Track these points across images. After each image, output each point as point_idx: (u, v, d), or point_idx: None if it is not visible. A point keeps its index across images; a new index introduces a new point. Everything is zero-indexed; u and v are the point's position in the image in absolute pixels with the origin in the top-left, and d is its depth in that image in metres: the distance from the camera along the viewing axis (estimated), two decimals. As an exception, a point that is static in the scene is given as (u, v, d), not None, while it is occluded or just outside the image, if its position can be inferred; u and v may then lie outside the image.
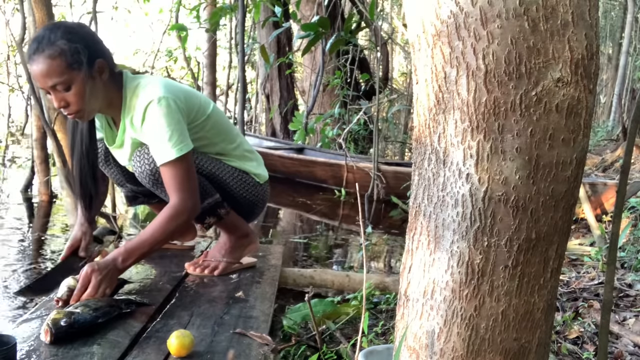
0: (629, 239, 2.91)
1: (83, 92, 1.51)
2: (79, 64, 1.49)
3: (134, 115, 1.62)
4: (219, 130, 1.82)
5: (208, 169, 1.82)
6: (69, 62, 1.48)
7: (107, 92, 1.61)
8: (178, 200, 1.59)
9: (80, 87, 1.50)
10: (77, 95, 1.51)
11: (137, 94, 1.61)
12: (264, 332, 1.45)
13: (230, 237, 1.93)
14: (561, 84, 0.82)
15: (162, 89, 1.59)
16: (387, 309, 2.07)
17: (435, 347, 0.93)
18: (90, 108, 1.58)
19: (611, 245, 1.15)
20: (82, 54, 1.50)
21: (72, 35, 1.50)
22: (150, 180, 1.72)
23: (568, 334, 1.87)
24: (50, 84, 1.48)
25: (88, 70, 1.52)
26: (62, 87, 1.49)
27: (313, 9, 6.40)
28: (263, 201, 1.99)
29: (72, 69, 1.48)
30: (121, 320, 1.43)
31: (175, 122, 1.58)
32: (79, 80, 1.50)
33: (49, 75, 1.47)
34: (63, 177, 2.86)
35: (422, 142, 0.93)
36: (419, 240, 0.95)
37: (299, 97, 8.26)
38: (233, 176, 1.87)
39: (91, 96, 1.55)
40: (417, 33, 0.89)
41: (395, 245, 3.39)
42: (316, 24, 3.58)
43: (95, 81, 1.55)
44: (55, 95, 1.51)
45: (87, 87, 1.52)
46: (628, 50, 9.63)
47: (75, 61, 1.49)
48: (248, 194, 1.91)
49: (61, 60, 1.47)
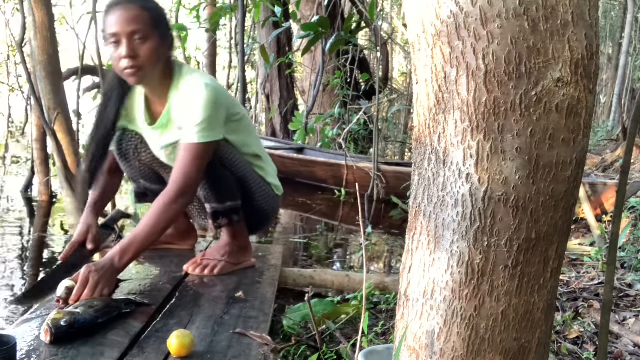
0: (629, 239, 2.91)
1: (154, 51, 1.60)
2: (161, 27, 1.62)
3: (180, 98, 1.68)
4: (249, 132, 1.88)
5: (241, 172, 1.83)
6: (155, 19, 1.60)
7: (164, 70, 1.68)
8: (172, 187, 1.60)
9: (154, 45, 1.59)
10: (149, 50, 1.58)
11: (186, 79, 1.68)
12: (264, 332, 1.45)
13: (232, 241, 1.93)
14: (561, 84, 0.82)
15: (209, 79, 1.68)
16: (387, 309, 2.07)
17: (435, 347, 0.93)
18: (150, 71, 1.63)
19: (611, 245, 1.15)
20: (165, 22, 1.66)
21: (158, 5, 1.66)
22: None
23: (568, 334, 1.87)
24: (132, 29, 1.55)
25: (163, 37, 1.63)
26: (140, 37, 1.56)
27: (313, 9, 6.40)
28: (275, 214, 2.00)
29: (155, 27, 1.60)
30: (121, 320, 1.43)
31: (212, 111, 1.63)
32: (155, 38, 1.60)
33: (135, 21, 1.55)
34: (63, 177, 2.86)
35: (422, 142, 0.93)
36: (419, 240, 0.95)
37: (299, 97, 8.25)
38: (258, 186, 1.89)
39: (157, 61, 1.62)
40: (417, 33, 0.89)
41: (395, 245, 3.39)
42: (316, 24, 3.58)
43: (164, 51, 1.65)
44: (127, 44, 1.55)
45: (159, 50, 1.61)
46: (628, 50, 9.64)
47: (160, 23, 1.62)
48: (266, 204, 1.92)
49: (150, 14, 1.59)
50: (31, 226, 3.29)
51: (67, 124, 2.85)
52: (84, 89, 4.61)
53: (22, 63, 3.03)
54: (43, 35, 2.69)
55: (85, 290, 1.48)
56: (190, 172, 1.61)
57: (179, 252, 2.09)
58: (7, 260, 2.61)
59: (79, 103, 3.55)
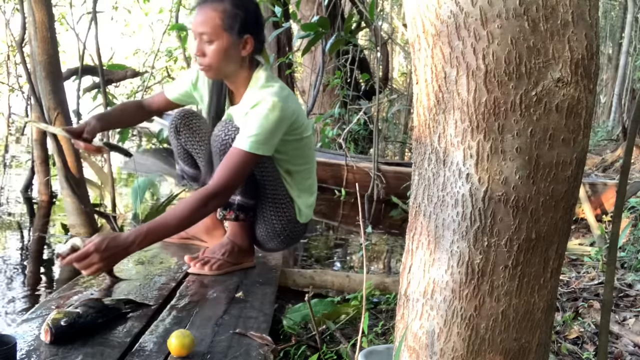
0: (629, 239, 2.91)
1: (220, 52, 1.66)
2: (230, 28, 1.65)
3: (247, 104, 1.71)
4: (304, 154, 1.89)
5: (265, 177, 1.82)
6: (223, 20, 1.64)
7: (241, 67, 1.74)
8: (215, 185, 1.61)
9: (220, 47, 1.66)
10: (215, 51, 1.66)
11: (262, 87, 1.72)
12: (264, 332, 1.45)
13: (233, 240, 1.93)
14: (561, 84, 0.82)
15: (280, 95, 1.68)
16: (387, 309, 2.07)
17: (435, 347, 0.93)
18: (219, 69, 1.71)
19: (611, 245, 1.15)
20: (238, 21, 1.65)
21: (241, 4, 1.67)
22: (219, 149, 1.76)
23: (568, 334, 1.87)
24: (200, 30, 1.65)
25: (235, 38, 1.67)
26: (207, 38, 1.65)
27: (313, 9, 6.40)
28: (289, 238, 1.94)
29: (223, 29, 1.64)
30: (121, 320, 1.43)
31: (271, 127, 1.65)
32: (222, 41, 1.65)
33: (203, 23, 1.64)
34: (63, 177, 2.86)
35: (422, 142, 0.93)
36: (419, 240, 0.95)
37: (299, 97, 8.26)
38: (278, 201, 1.86)
39: (226, 60, 1.68)
40: (417, 33, 0.89)
41: (395, 245, 3.39)
42: (316, 24, 3.58)
43: (236, 50, 1.69)
44: (198, 43, 1.67)
45: (227, 51, 1.67)
46: (628, 50, 9.63)
47: (229, 23, 1.64)
48: (279, 223, 1.89)
49: (218, 16, 1.63)
50: (31, 226, 3.29)
51: (67, 124, 2.85)
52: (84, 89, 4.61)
53: (22, 63, 3.03)
54: (43, 35, 2.69)
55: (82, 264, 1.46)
56: (232, 175, 1.63)
57: (179, 252, 2.09)
58: (7, 260, 2.61)
59: (79, 103, 3.55)
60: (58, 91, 2.79)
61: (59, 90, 2.80)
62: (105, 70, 4.81)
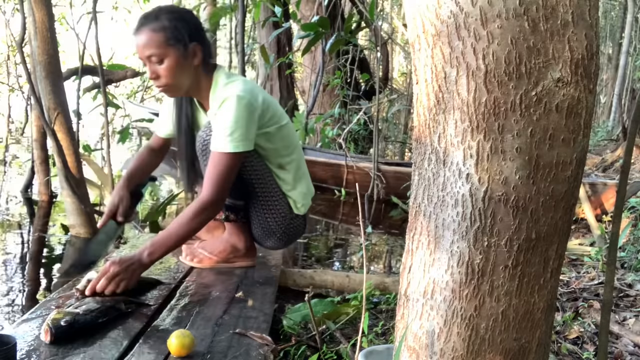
0: (629, 239, 2.91)
1: (173, 69, 1.64)
2: (175, 42, 1.62)
3: (214, 107, 1.71)
4: (287, 144, 1.86)
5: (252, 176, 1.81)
6: (167, 37, 1.61)
7: (197, 76, 1.71)
8: (207, 195, 1.64)
9: (171, 63, 1.63)
10: (167, 69, 1.63)
11: (223, 87, 1.71)
12: (264, 332, 1.45)
13: (227, 238, 1.95)
14: (561, 84, 0.82)
15: (244, 88, 1.68)
16: (387, 309, 2.07)
17: (435, 347, 0.93)
18: (177, 85, 1.68)
19: (611, 245, 1.15)
20: (180, 33, 1.63)
21: (176, 15, 1.65)
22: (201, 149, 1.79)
23: (568, 334, 1.87)
24: (147, 54, 1.62)
25: (183, 50, 1.64)
26: (156, 60, 1.62)
27: (313, 9, 6.40)
28: (287, 234, 1.93)
29: (168, 45, 1.62)
30: (121, 320, 1.43)
31: (245, 121, 1.65)
32: (172, 56, 1.63)
33: (147, 46, 1.61)
34: (63, 177, 2.86)
35: (422, 142, 0.93)
36: (419, 240, 0.95)
37: (299, 97, 8.25)
38: (270, 199, 1.86)
39: (181, 75, 1.66)
40: (417, 33, 0.89)
41: (395, 245, 3.39)
42: (316, 24, 3.58)
43: (187, 62, 1.66)
44: (149, 66, 1.65)
45: (178, 65, 1.64)
46: (628, 50, 9.63)
47: (172, 38, 1.62)
48: (272, 220, 1.88)
49: (160, 34, 1.61)
50: (31, 226, 3.29)
51: (67, 124, 2.85)
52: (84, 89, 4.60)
53: (22, 63, 3.03)
54: (43, 35, 2.69)
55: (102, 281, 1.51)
56: (221, 180, 1.65)
57: (179, 252, 2.09)
58: (7, 260, 2.61)
59: (79, 103, 3.55)
60: (58, 91, 2.79)
61: (59, 90, 2.80)
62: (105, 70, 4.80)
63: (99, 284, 1.51)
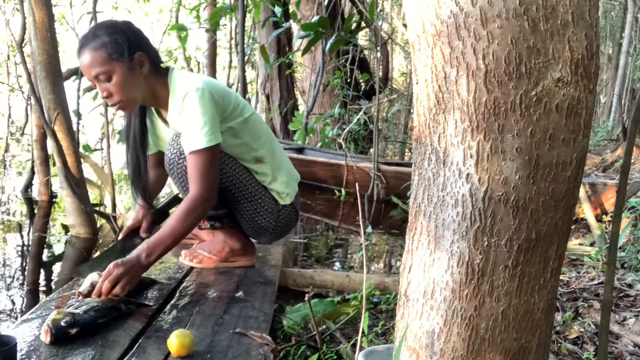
0: (629, 239, 2.91)
1: (123, 83, 1.60)
2: (118, 55, 1.58)
3: (176, 106, 1.68)
4: (258, 135, 1.84)
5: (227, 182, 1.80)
6: (109, 52, 1.57)
7: (150, 84, 1.68)
8: (196, 193, 1.64)
9: (120, 77, 1.59)
10: (117, 85, 1.59)
11: (179, 87, 1.68)
12: (264, 332, 1.45)
13: (223, 239, 1.96)
14: (561, 84, 0.82)
15: (201, 82, 1.65)
16: (387, 309, 2.07)
17: (435, 347, 0.93)
18: (132, 99, 1.64)
19: (611, 245, 1.15)
20: (121, 46, 1.59)
21: (113, 29, 1.60)
22: (172, 167, 1.76)
23: (568, 334, 1.87)
24: (94, 74, 1.58)
25: (128, 62, 1.60)
26: (104, 77, 1.59)
27: (313, 9, 6.40)
28: (279, 227, 1.92)
29: (111, 60, 1.58)
30: (121, 320, 1.43)
31: (210, 113, 1.63)
32: (118, 70, 1.59)
33: (92, 65, 1.57)
34: (63, 177, 2.86)
35: (422, 142, 0.93)
36: (419, 240, 0.95)
37: (299, 97, 8.25)
38: (252, 198, 1.84)
39: (132, 87, 1.62)
40: (417, 33, 0.89)
41: (395, 245, 3.39)
42: (316, 24, 3.58)
43: (135, 73, 1.62)
44: (99, 86, 1.61)
45: (127, 78, 1.61)
46: (628, 50, 9.63)
47: (115, 52, 1.58)
48: (260, 218, 1.87)
49: (102, 51, 1.57)
50: (31, 226, 3.29)
51: (67, 124, 2.85)
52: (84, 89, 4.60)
53: (22, 63, 3.03)
54: (43, 35, 2.69)
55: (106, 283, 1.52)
56: (204, 175, 1.64)
57: (179, 252, 2.09)
58: (7, 260, 2.61)
59: (79, 103, 3.55)
60: (58, 91, 2.79)
61: (59, 90, 2.80)
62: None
63: (104, 287, 1.51)
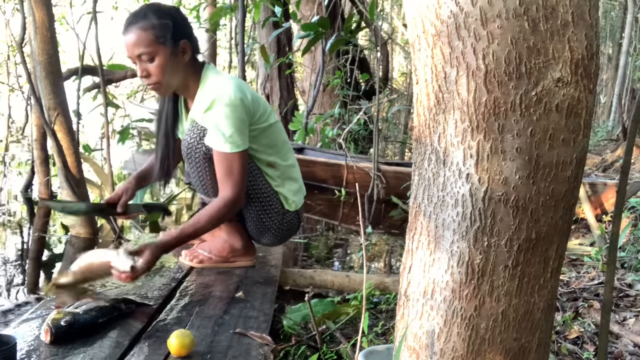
0: (629, 239, 2.91)
1: (164, 66, 1.64)
2: (165, 39, 1.63)
3: (201, 104, 1.71)
4: (276, 140, 1.88)
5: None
6: (156, 35, 1.62)
7: (186, 73, 1.72)
8: (229, 194, 1.69)
9: (162, 60, 1.64)
10: (158, 67, 1.64)
11: (211, 84, 1.72)
12: (264, 332, 1.45)
13: (225, 238, 1.96)
14: (561, 84, 0.82)
15: (235, 86, 1.69)
16: (387, 309, 2.07)
17: (435, 347, 0.93)
18: (168, 83, 1.69)
19: (611, 245, 1.15)
20: (169, 31, 1.64)
21: (164, 13, 1.65)
22: (190, 153, 1.78)
23: (568, 334, 1.87)
24: (137, 53, 1.63)
25: (172, 48, 1.65)
26: (147, 58, 1.63)
27: (313, 9, 6.40)
28: (281, 230, 1.94)
29: (158, 43, 1.63)
30: (121, 320, 1.43)
31: (239, 121, 1.68)
32: (162, 54, 1.64)
33: (137, 44, 1.62)
34: (63, 177, 2.86)
35: (422, 142, 0.93)
36: (419, 240, 0.95)
37: (299, 97, 8.25)
38: (261, 196, 1.86)
39: (171, 72, 1.67)
40: (417, 33, 0.89)
41: (395, 245, 3.39)
42: (316, 24, 3.58)
43: (177, 59, 1.68)
44: (139, 65, 1.65)
45: (169, 62, 1.65)
46: (628, 50, 9.62)
47: (162, 36, 1.63)
48: (266, 217, 1.89)
49: (150, 32, 1.62)
50: (31, 226, 3.29)
51: (67, 124, 2.85)
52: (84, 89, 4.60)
53: (22, 63, 3.02)
54: (43, 35, 2.69)
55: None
56: (237, 179, 1.69)
57: (179, 252, 2.09)
58: (7, 260, 2.61)
59: (79, 103, 3.55)
60: (58, 91, 2.79)
61: (59, 90, 2.80)
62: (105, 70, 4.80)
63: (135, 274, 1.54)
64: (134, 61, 1.66)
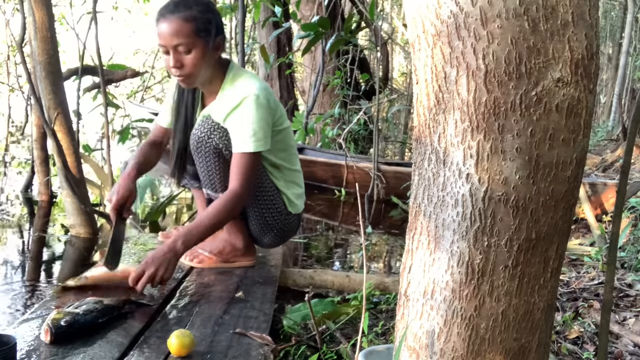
0: (629, 239, 2.91)
1: (200, 60, 1.64)
2: (205, 34, 1.63)
3: (228, 101, 1.72)
4: (286, 145, 1.90)
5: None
6: (198, 28, 1.61)
7: (214, 69, 1.74)
8: (237, 188, 1.69)
9: (199, 54, 1.64)
10: (194, 60, 1.63)
11: (237, 83, 1.73)
12: (264, 332, 1.45)
13: (226, 238, 1.96)
14: (561, 84, 0.82)
15: (263, 87, 1.71)
16: (387, 309, 2.07)
17: (435, 347, 0.93)
18: (198, 76, 1.69)
19: (611, 245, 1.15)
20: (210, 25, 1.65)
21: (206, 7, 1.66)
22: (200, 146, 1.77)
23: (568, 334, 1.87)
24: (175, 43, 1.60)
25: (210, 42, 1.66)
26: (184, 49, 1.62)
27: (313, 9, 6.40)
28: (282, 231, 1.95)
29: (198, 36, 1.62)
30: (121, 320, 1.43)
31: (265, 120, 1.70)
32: (200, 47, 1.63)
33: (177, 34, 1.60)
34: (63, 177, 2.86)
35: (422, 142, 0.93)
36: (419, 240, 0.95)
37: (299, 97, 8.25)
38: (266, 194, 1.88)
39: (204, 66, 1.68)
40: (417, 33, 0.89)
41: (395, 245, 3.39)
42: (316, 24, 3.58)
43: (211, 54, 1.68)
44: (173, 56, 1.63)
45: (204, 57, 1.65)
46: (628, 50, 9.62)
47: (203, 30, 1.62)
48: (270, 216, 1.90)
49: (192, 24, 1.61)
50: (31, 226, 3.29)
51: (67, 124, 2.84)
52: (84, 89, 4.60)
53: (22, 63, 3.02)
54: (43, 35, 2.69)
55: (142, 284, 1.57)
56: (247, 175, 1.70)
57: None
58: (7, 260, 2.61)
59: (79, 103, 3.55)
60: (58, 91, 2.78)
61: (59, 90, 2.80)
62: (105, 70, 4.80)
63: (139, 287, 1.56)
64: (166, 50, 1.64)
